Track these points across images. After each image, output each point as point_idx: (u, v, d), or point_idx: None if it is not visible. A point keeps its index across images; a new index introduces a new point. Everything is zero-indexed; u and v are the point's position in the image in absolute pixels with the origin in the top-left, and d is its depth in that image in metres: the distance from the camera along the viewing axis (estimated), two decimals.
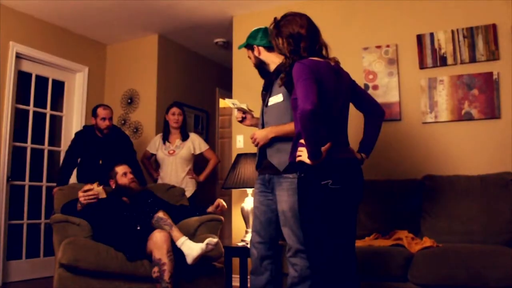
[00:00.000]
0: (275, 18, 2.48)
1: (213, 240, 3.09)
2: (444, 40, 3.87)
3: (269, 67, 2.87)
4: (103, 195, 3.30)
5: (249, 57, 2.98)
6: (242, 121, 3.05)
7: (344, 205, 2.25)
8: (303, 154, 2.22)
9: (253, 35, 2.91)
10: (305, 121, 2.09)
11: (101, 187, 3.33)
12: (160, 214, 3.25)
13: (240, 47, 3.03)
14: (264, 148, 2.77)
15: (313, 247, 2.26)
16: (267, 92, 2.83)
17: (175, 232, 3.14)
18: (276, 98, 2.72)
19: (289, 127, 2.57)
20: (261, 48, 2.86)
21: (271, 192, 2.75)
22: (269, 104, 2.77)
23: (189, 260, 3.03)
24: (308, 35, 2.35)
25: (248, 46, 2.93)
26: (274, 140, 2.70)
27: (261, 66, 2.91)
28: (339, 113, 2.34)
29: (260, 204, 2.83)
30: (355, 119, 2.68)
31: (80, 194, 3.27)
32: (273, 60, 2.84)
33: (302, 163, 2.24)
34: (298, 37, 2.34)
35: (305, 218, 2.28)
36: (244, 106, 3.00)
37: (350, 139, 2.46)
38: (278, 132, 2.68)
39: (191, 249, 3.05)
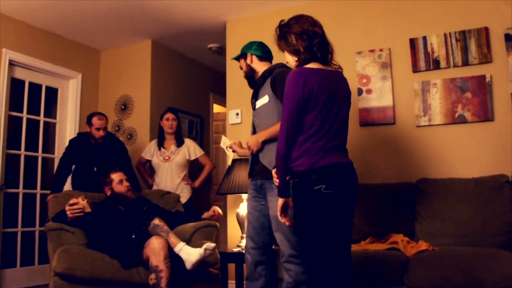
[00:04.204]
0: (282, 20, 2.46)
1: (211, 245, 3.08)
2: (437, 43, 3.89)
3: (257, 75, 3.00)
4: (88, 209, 3.24)
5: (240, 67, 3.11)
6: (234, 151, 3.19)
7: (339, 209, 2.24)
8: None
9: (248, 46, 3.05)
10: (277, 160, 2.27)
11: (85, 201, 3.26)
12: (156, 221, 3.24)
13: (234, 58, 3.21)
14: (256, 153, 2.82)
15: (308, 252, 2.25)
16: (255, 99, 2.95)
17: (172, 238, 3.13)
18: (262, 100, 2.83)
19: (277, 127, 2.58)
20: (254, 57, 3.00)
21: (263, 198, 2.77)
22: (257, 107, 2.88)
23: (188, 265, 3.02)
24: (321, 34, 2.36)
25: (242, 55, 3.06)
26: (265, 143, 2.77)
27: (250, 75, 3.04)
28: (334, 120, 2.28)
29: (253, 210, 2.84)
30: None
31: (67, 208, 3.23)
32: (262, 69, 2.97)
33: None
34: (312, 34, 2.33)
35: (300, 223, 2.27)
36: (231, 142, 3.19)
37: None
38: (267, 135, 2.74)
39: (190, 254, 3.04)
